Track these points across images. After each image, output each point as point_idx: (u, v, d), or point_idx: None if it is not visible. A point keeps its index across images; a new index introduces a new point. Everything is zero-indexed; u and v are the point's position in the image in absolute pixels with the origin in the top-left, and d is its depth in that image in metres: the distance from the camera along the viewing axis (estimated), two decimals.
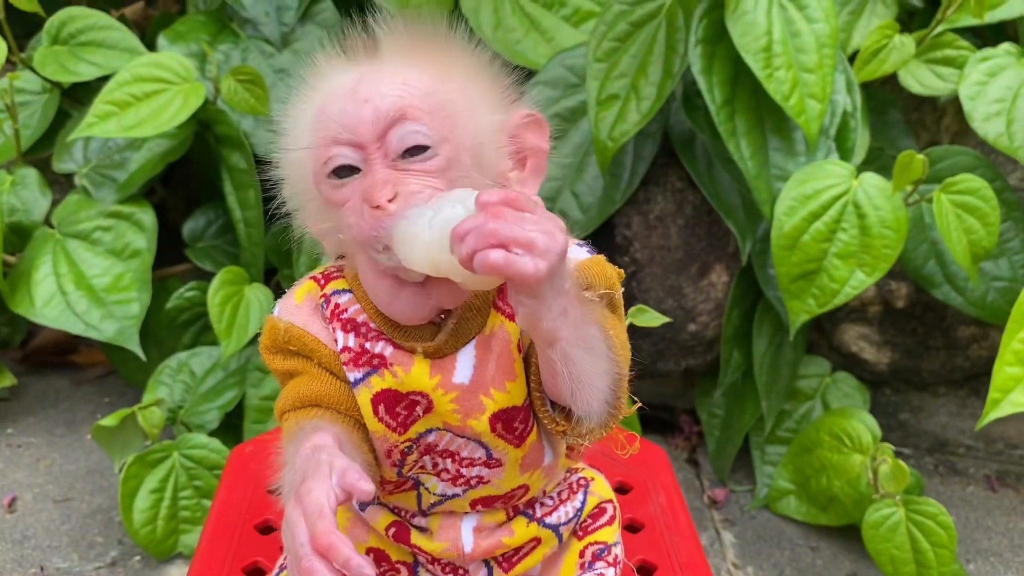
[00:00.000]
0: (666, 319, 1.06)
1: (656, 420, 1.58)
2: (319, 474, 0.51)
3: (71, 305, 1.33)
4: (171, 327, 1.41)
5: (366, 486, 0.50)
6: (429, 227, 0.53)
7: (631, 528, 0.87)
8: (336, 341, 0.62)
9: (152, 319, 1.37)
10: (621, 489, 0.92)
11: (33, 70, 1.44)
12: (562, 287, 0.52)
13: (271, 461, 0.85)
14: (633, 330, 1.35)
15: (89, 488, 1.37)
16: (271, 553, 0.79)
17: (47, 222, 1.41)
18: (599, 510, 0.72)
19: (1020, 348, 1.13)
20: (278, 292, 1.38)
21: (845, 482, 1.26)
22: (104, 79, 1.46)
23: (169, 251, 1.48)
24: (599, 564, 0.69)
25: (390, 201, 0.55)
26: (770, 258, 1.27)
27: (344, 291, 0.64)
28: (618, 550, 0.70)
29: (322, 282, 0.65)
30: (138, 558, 1.24)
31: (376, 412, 0.62)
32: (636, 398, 0.66)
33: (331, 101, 0.58)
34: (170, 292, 1.42)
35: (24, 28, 1.50)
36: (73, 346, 1.70)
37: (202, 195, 1.57)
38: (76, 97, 1.55)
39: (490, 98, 0.62)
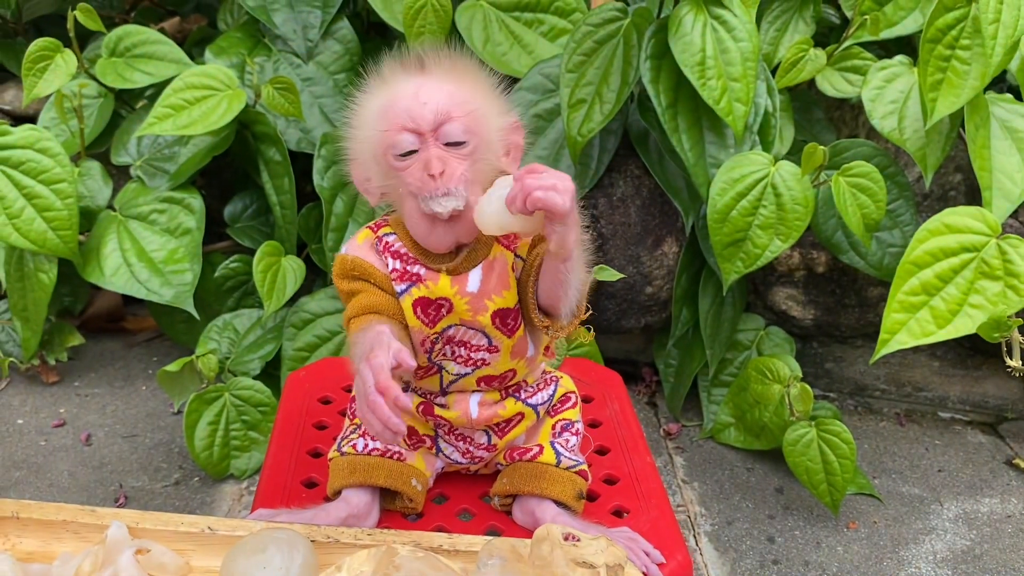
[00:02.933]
0: (621, 275, 1.34)
1: (622, 373, 1.86)
2: (382, 347, 0.78)
3: (135, 274, 1.58)
4: (217, 293, 1.67)
5: (412, 362, 0.77)
6: (493, 202, 0.79)
7: (593, 425, 1.15)
8: (387, 266, 0.89)
9: (199, 287, 1.60)
10: (586, 399, 1.20)
11: (95, 78, 1.70)
12: (578, 224, 0.80)
13: (322, 381, 1.12)
14: (601, 292, 1.63)
15: (150, 427, 1.63)
16: (322, 473, 1.02)
17: (109, 206, 1.66)
18: (565, 397, 1.00)
19: (904, 299, 1.39)
20: (309, 263, 1.66)
21: (772, 412, 1.53)
22: (151, 86, 1.73)
23: (206, 231, 1.74)
24: (565, 433, 0.97)
25: (441, 173, 0.82)
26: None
27: (391, 233, 0.91)
28: (579, 425, 0.99)
29: (375, 229, 0.92)
30: (197, 479, 1.51)
31: (415, 312, 0.89)
32: (591, 306, 0.92)
33: (398, 100, 0.83)
34: (214, 265, 1.68)
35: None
36: (122, 314, 1.95)
37: (236, 184, 1.82)
38: (124, 100, 1.81)
39: (497, 108, 0.89)
